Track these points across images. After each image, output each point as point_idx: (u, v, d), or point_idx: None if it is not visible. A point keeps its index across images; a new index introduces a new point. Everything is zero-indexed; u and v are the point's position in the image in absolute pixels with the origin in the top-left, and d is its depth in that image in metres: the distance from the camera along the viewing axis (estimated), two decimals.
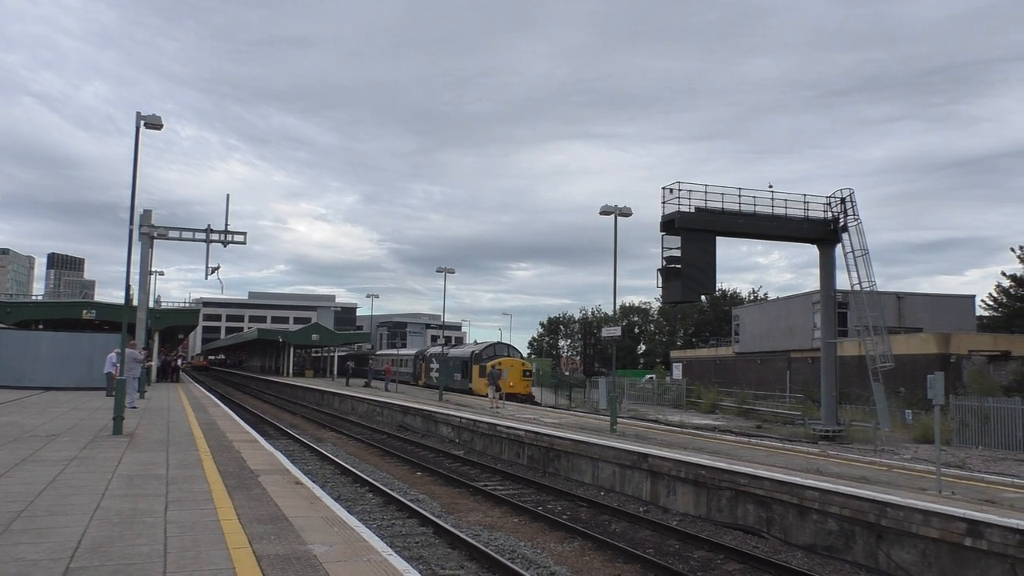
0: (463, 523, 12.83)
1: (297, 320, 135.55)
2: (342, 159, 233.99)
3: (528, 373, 45.11)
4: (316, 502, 9.31)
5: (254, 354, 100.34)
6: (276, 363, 79.88)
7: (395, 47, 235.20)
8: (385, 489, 15.23)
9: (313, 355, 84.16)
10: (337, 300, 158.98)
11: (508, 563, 9.78)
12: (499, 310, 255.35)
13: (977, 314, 51.40)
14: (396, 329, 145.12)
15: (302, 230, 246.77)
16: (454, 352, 52.48)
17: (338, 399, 42.02)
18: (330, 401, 43.23)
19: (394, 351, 73.09)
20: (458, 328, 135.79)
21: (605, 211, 24.01)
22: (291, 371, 70.90)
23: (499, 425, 22.63)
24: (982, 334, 43.23)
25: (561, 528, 12.59)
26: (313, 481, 11.73)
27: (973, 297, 50.90)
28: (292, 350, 71.62)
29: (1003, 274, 53.50)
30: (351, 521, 8.25)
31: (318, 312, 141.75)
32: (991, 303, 54.79)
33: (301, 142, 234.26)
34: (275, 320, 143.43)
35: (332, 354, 73.88)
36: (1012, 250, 52.36)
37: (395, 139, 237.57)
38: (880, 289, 29.41)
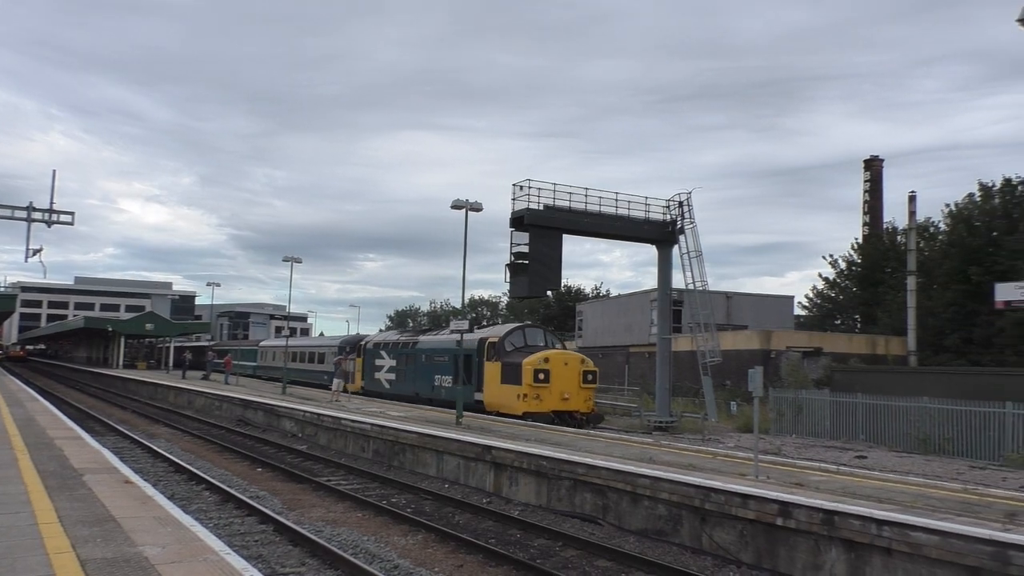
0: (305, 519, 12.62)
1: (130, 308, 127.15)
2: (178, 137, 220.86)
3: (591, 377, 26.26)
4: (148, 502, 8.90)
5: (80, 344, 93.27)
6: (105, 354, 74.65)
7: (240, 22, 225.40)
8: (223, 486, 14.71)
9: (159, 345, 79.08)
10: (174, 287, 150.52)
11: (351, 558, 9.75)
12: (346, 301, 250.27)
13: (795, 313, 55.95)
14: (238, 319, 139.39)
15: (134, 211, 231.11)
16: (439, 340, 31.13)
17: (173, 392, 39.91)
18: (164, 395, 40.98)
19: (300, 342, 55.81)
20: (304, 319, 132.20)
21: (456, 205, 24.20)
22: (121, 363, 66.51)
23: (344, 419, 22.34)
24: (799, 331, 47.12)
25: (405, 521, 12.66)
26: (144, 479, 11.17)
27: (792, 298, 55.39)
28: (123, 340, 67.19)
29: (819, 276, 58.49)
30: (186, 520, 7.97)
31: (153, 300, 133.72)
32: (807, 303, 59.77)
33: (132, 116, 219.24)
34: (105, 308, 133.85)
35: (168, 344, 69.89)
36: (823, 257, 57.35)
37: (236, 119, 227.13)
38: (711, 288, 31.40)
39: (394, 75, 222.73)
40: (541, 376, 24.96)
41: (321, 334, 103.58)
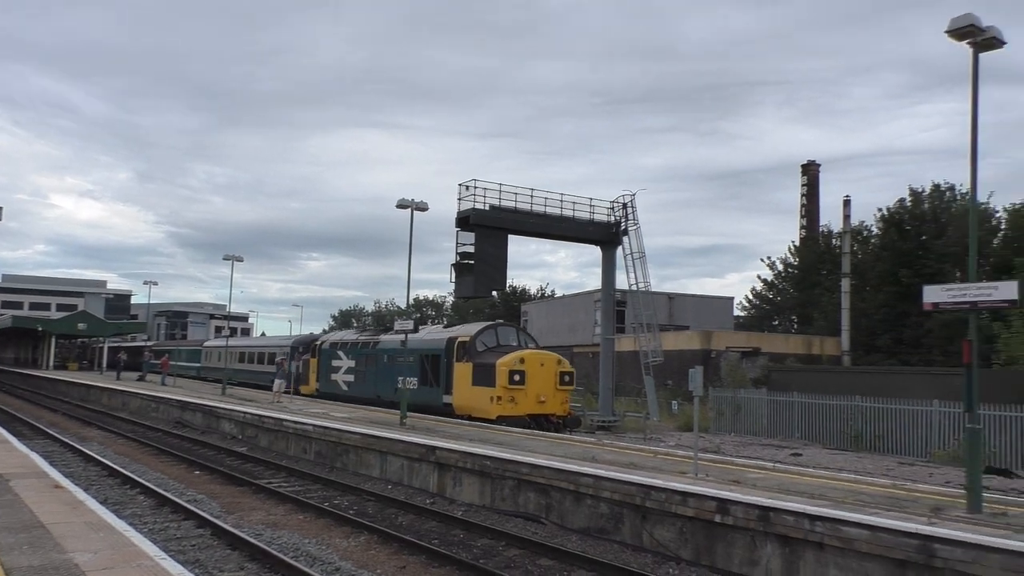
0: (244, 523, 12.41)
1: (61, 307, 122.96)
2: (114, 131, 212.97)
3: (568, 378, 25.01)
4: (79, 507, 8.65)
5: (7, 345, 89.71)
6: (34, 355, 72.08)
7: (181, 14, 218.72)
8: (158, 490, 14.37)
9: (92, 346, 76.49)
10: (109, 286, 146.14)
11: (291, 561, 9.63)
12: (289, 301, 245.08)
13: (735, 314, 57.13)
14: (176, 319, 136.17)
15: (67, 207, 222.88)
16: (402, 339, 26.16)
17: (107, 394, 38.78)
18: (97, 396, 39.78)
19: (250, 341, 53.60)
20: (245, 319, 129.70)
21: (402, 204, 24.07)
22: (52, 364, 64.29)
23: (286, 420, 22.02)
24: (738, 332, 48.10)
25: (348, 523, 12.55)
26: (75, 484, 10.87)
27: (732, 299, 56.59)
28: (54, 340, 64.98)
29: (758, 277, 59.85)
30: (119, 525, 7.78)
31: (86, 299, 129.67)
32: (746, 304, 61.08)
33: (66, 109, 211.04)
34: (34, 307, 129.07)
35: (102, 345, 67.83)
36: (762, 259, 58.70)
37: (176, 114, 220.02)
38: (654, 289, 31.86)
39: (339, 72, 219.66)
40: (516, 377, 23.35)
41: (263, 334, 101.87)
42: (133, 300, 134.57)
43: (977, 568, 8.02)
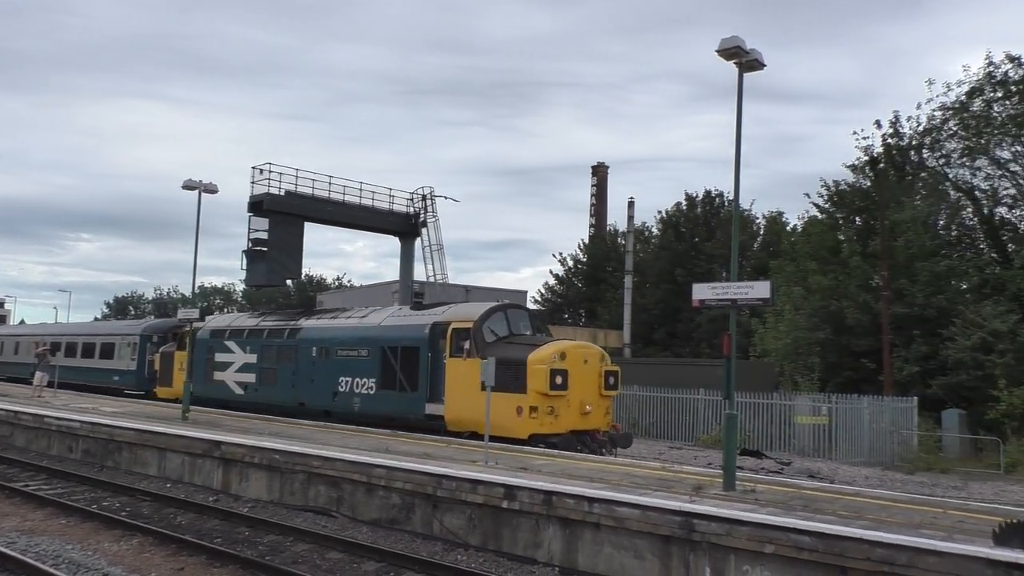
0: None
1: None
2: None
3: (612, 380, 18.28)
4: None
5: None
6: None
7: None
8: None
9: None
10: None
11: (50, 570, 8.86)
12: (55, 286, 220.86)
13: (528, 307, 59.22)
14: None
15: None
16: (346, 327, 21.76)
17: None
18: None
19: (74, 328, 40.03)
20: (0, 305, 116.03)
21: (188, 186, 22.62)
22: None
23: (47, 416, 20.07)
24: None
25: (119, 525, 11.72)
26: None
27: (525, 292, 58.47)
28: None
29: (550, 272, 62.49)
30: None
31: None
32: (539, 298, 63.53)
33: None
34: None
35: None
36: (554, 255, 61.35)
37: None
38: (452, 281, 32.33)
39: (116, 37, 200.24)
40: (559, 380, 16.76)
41: (22, 322, 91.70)
42: None
43: (728, 539, 8.97)
